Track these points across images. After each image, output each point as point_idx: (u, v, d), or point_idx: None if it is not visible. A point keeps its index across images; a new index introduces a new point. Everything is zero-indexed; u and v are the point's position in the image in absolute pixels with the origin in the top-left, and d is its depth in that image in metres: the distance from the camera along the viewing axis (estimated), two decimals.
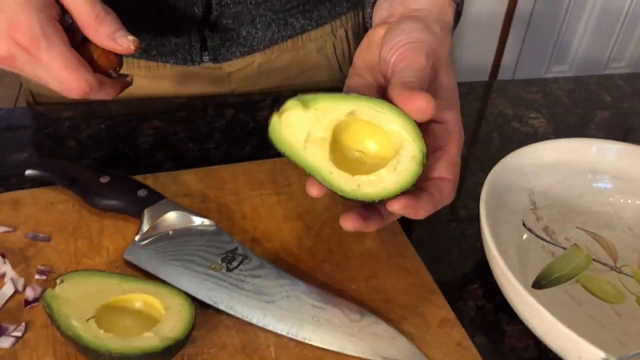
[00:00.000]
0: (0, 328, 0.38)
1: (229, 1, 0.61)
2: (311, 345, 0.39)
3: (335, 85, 0.77)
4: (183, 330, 0.36)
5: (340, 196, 0.36)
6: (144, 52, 0.65)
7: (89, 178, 0.48)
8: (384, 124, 0.35)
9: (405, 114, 0.35)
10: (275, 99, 0.70)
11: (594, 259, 0.51)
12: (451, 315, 0.42)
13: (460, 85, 0.77)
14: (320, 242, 0.47)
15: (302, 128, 0.36)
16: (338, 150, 0.37)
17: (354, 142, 0.37)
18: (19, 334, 0.38)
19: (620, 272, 0.50)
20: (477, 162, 0.64)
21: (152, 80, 0.67)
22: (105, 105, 0.67)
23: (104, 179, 0.48)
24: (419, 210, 0.35)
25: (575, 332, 0.36)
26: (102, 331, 0.35)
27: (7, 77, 2.31)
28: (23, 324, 0.39)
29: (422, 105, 0.34)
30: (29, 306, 0.40)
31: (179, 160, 0.59)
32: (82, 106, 0.67)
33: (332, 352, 0.39)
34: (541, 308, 0.38)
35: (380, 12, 0.45)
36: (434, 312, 0.42)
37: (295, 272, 0.44)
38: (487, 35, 1.94)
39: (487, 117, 0.72)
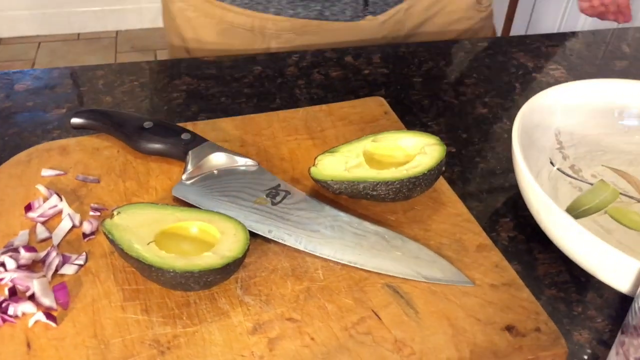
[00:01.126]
0: (64, 257, 0.40)
1: None
2: (356, 267, 0.41)
3: (471, 18, 0.83)
4: (240, 249, 0.38)
5: (387, 191, 0.44)
6: (320, 15, 0.75)
7: (134, 124, 0.50)
8: (399, 141, 0.48)
9: (411, 132, 0.49)
10: (300, 56, 0.72)
11: (620, 193, 0.52)
12: (487, 241, 0.44)
13: (479, 40, 0.79)
14: None
15: (338, 165, 0.46)
16: (376, 165, 0.47)
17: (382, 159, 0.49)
18: (81, 262, 0.40)
19: None
20: (502, 109, 0.65)
21: (322, 35, 0.77)
22: (136, 65, 0.69)
23: (147, 124, 0.50)
24: None
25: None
26: (163, 252, 0.37)
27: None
28: (84, 253, 0.41)
29: None
30: (87, 239, 0.42)
31: (212, 113, 0.61)
32: (115, 66, 0.69)
33: (377, 273, 0.41)
34: (579, 226, 0.40)
35: None
36: (471, 239, 0.44)
37: (335, 206, 0.46)
38: None
39: (508, 69, 0.73)
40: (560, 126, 0.55)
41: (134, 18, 2.42)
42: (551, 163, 0.54)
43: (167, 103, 0.62)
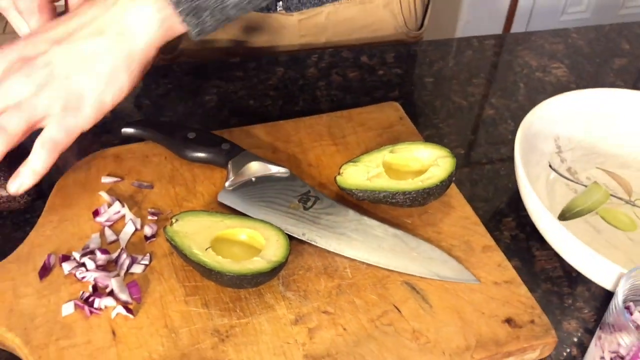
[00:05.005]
0: (132, 257, 0.47)
1: None
2: (379, 267, 0.48)
3: (400, 39, 0.85)
4: (283, 254, 0.45)
5: (404, 199, 0.51)
6: None
7: (179, 134, 0.56)
8: (414, 152, 0.55)
9: (424, 142, 0.55)
10: (319, 57, 0.77)
11: (611, 195, 0.59)
12: (492, 242, 0.51)
13: (487, 37, 0.83)
14: None
15: (360, 175, 0.53)
16: (394, 176, 0.53)
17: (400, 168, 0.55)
18: (146, 262, 0.47)
19: (634, 205, 0.58)
20: (507, 110, 0.71)
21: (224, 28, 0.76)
22: (168, 67, 0.74)
23: (191, 135, 0.56)
24: None
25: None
26: (220, 257, 0.44)
27: None
28: (147, 254, 0.48)
29: None
30: (149, 241, 0.49)
31: (242, 116, 0.67)
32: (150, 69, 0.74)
33: (397, 272, 0.48)
34: (567, 232, 0.47)
35: None
36: (478, 240, 0.51)
37: (358, 210, 0.53)
38: None
39: (514, 68, 0.78)
40: (559, 132, 0.61)
41: None
42: (550, 166, 0.61)
43: (200, 107, 0.68)
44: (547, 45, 0.83)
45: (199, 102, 0.69)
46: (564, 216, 0.56)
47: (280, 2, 0.75)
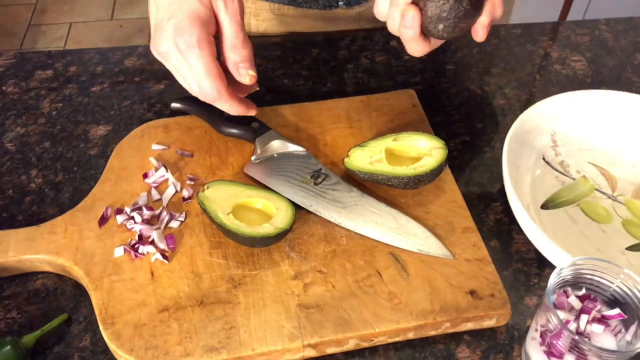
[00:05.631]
0: (171, 214, 0.59)
1: None
2: (370, 238, 0.58)
3: None
4: (289, 223, 0.55)
5: (398, 182, 0.60)
6: (292, 1, 0.81)
7: (217, 112, 0.66)
8: (414, 141, 0.62)
9: (424, 133, 0.62)
10: (352, 39, 0.84)
11: (596, 189, 0.65)
12: (472, 224, 0.59)
13: (516, 26, 0.88)
14: None
15: (365, 158, 0.61)
16: (394, 161, 0.62)
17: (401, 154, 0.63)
18: (182, 219, 0.59)
19: (615, 200, 0.64)
20: (518, 101, 0.77)
21: (297, 19, 0.84)
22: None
23: (227, 113, 0.66)
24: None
25: (566, 242, 0.52)
26: (237, 221, 0.55)
27: None
28: (183, 213, 0.59)
29: None
30: (185, 202, 0.61)
31: (276, 94, 0.77)
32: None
33: (384, 244, 0.57)
34: (530, 220, 0.54)
35: None
36: (460, 222, 0.59)
37: (361, 189, 0.62)
38: None
39: (534, 59, 0.83)
40: (556, 127, 0.67)
41: None
42: (543, 159, 0.67)
43: None
44: (572, 37, 0.86)
45: None
46: (546, 205, 0.63)
47: None
